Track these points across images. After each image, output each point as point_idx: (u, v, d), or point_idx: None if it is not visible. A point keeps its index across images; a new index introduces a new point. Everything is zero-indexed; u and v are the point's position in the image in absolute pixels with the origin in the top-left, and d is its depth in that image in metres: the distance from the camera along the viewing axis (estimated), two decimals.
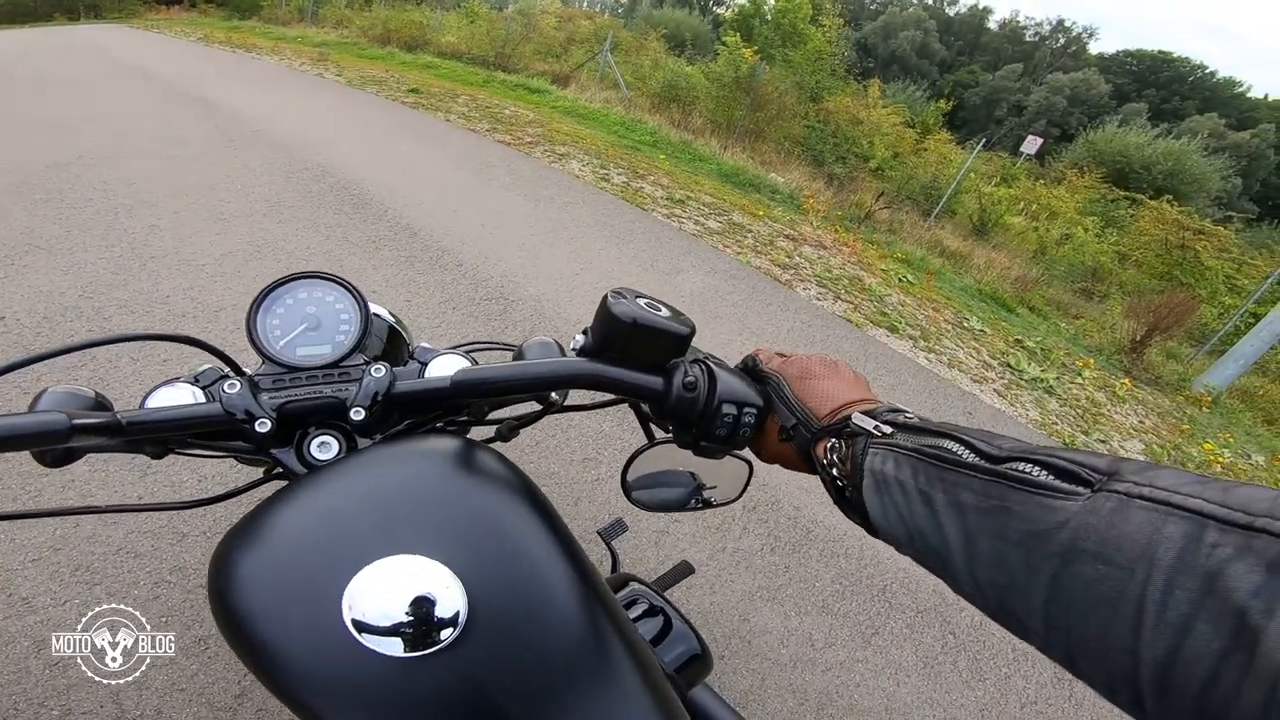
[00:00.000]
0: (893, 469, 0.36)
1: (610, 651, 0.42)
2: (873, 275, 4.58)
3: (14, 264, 2.68)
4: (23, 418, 0.42)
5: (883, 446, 0.38)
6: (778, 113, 9.02)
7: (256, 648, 0.39)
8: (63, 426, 0.41)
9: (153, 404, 0.49)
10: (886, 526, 0.37)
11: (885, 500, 0.37)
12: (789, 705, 1.49)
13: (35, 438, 0.41)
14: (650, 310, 0.48)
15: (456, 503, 0.45)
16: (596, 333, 0.51)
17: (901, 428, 0.39)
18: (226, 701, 1.27)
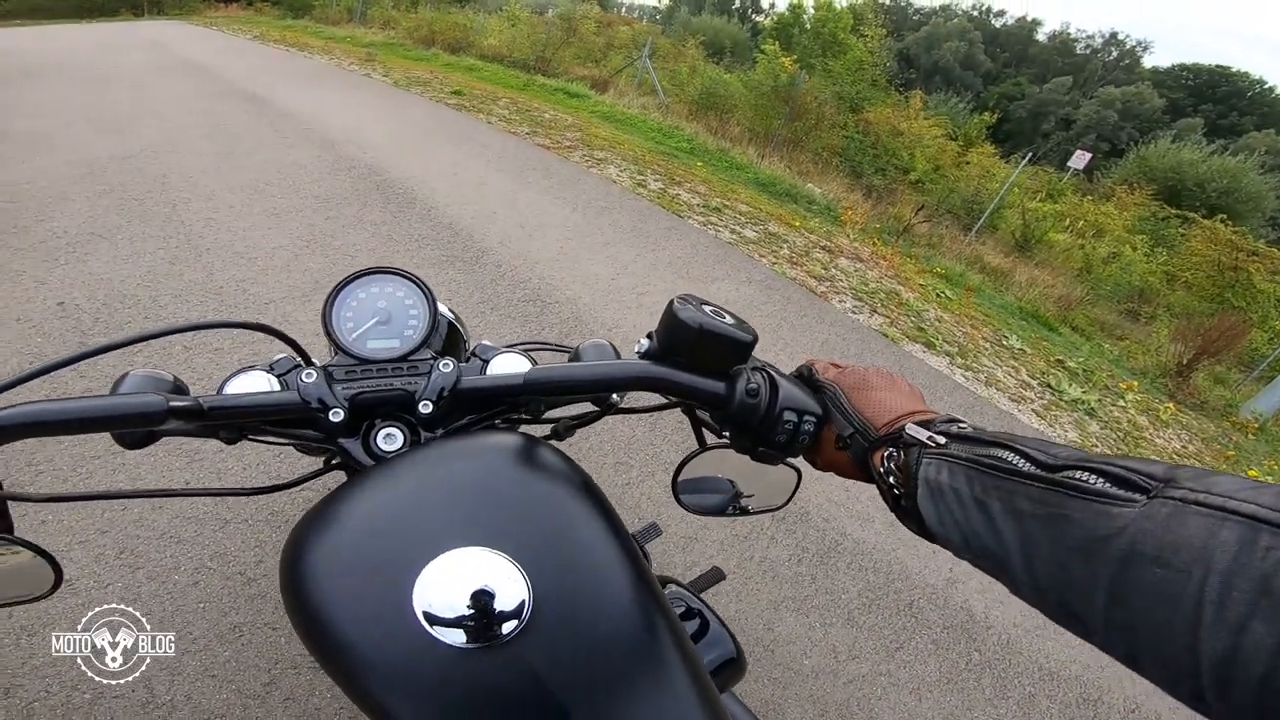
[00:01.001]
0: (947, 478, 0.37)
1: (664, 651, 0.42)
2: (910, 290, 4.50)
3: (76, 252, 2.82)
4: (124, 399, 0.44)
5: (936, 456, 0.39)
6: (816, 122, 8.94)
7: (325, 634, 0.40)
8: (160, 408, 0.44)
9: (231, 390, 0.51)
10: (942, 532, 0.38)
11: (940, 508, 0.38)
12: (809, 715, 1.48)
13: (135, 418, 0.44)
14: (715, 317, 0.49)
15: (523, 497, 0.46)
16: (662, 337, 0.51)
17: (955, 438, 0.39)
18: (256, 689, 1.30)
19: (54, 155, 4.08)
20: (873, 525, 2.09)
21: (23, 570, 0.48)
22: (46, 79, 7.17)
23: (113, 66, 8.48)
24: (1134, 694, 1.82)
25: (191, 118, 5.30)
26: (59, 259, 2.72)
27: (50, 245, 2.83)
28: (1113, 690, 1.81)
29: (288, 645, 1.38)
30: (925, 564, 2.01)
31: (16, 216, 3.11)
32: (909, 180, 9.15)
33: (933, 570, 2.00)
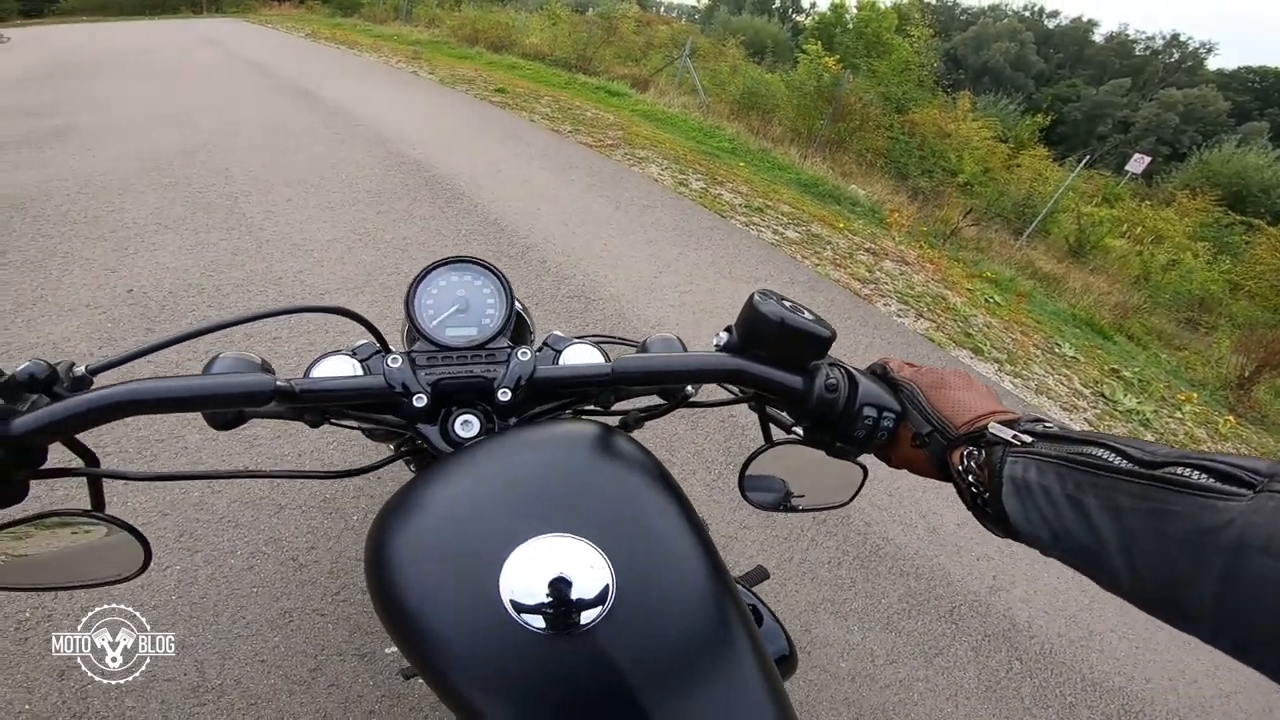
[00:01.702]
0: (1035, 476, 0.38)
1: (738, 645, 0.42)
2: (957, 294, 4.38)
3: (144, 242, 2.94)
4: (233, 378, 0.45)
5: (1022, 454, 0.39)
6: (861, 123, 8.75)
7: (407, 617, 0.40)
8: (268, 388, 0.45)
9: (317, 373, 0.52)
10: (1029, 530, 0.38)
11: (1027, 505, 0.38)
12: (843, 718, 1.46)
13: (242, 397, 0.45)
14: (795, 313, 0.49)
15: (604, 486, 0.46)
16: (742, 330, 0.51)
17: (1042, 436, 0.40)
18: (302, 675, 1.33)
19: (121, 148, 4.27)
20: (915, 531, 2.03)
21: (114, 549, 0.49)
22: (113, 74, 7.51)
23: (175, 62, 8.84)
24: (1177, 706, 1.75)
25: (250, 113, 5.48)
26: (128, 248, 2.84)
27: (120, 235, 2.96)
28: (1155, 703, 1.74)
29: (334, 632, 1.41)
30: (969, 571, 1.96)
31: (87, 206, 3.26)
32: (957, 183, 8.88)
33: (976, 578, 1.94)
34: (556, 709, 0.38)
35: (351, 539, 1.62)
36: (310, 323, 2.36)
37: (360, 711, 1.28)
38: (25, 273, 2.60)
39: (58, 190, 3.45)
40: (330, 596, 1.48)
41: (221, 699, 1.27)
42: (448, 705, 0.41)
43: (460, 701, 0.39)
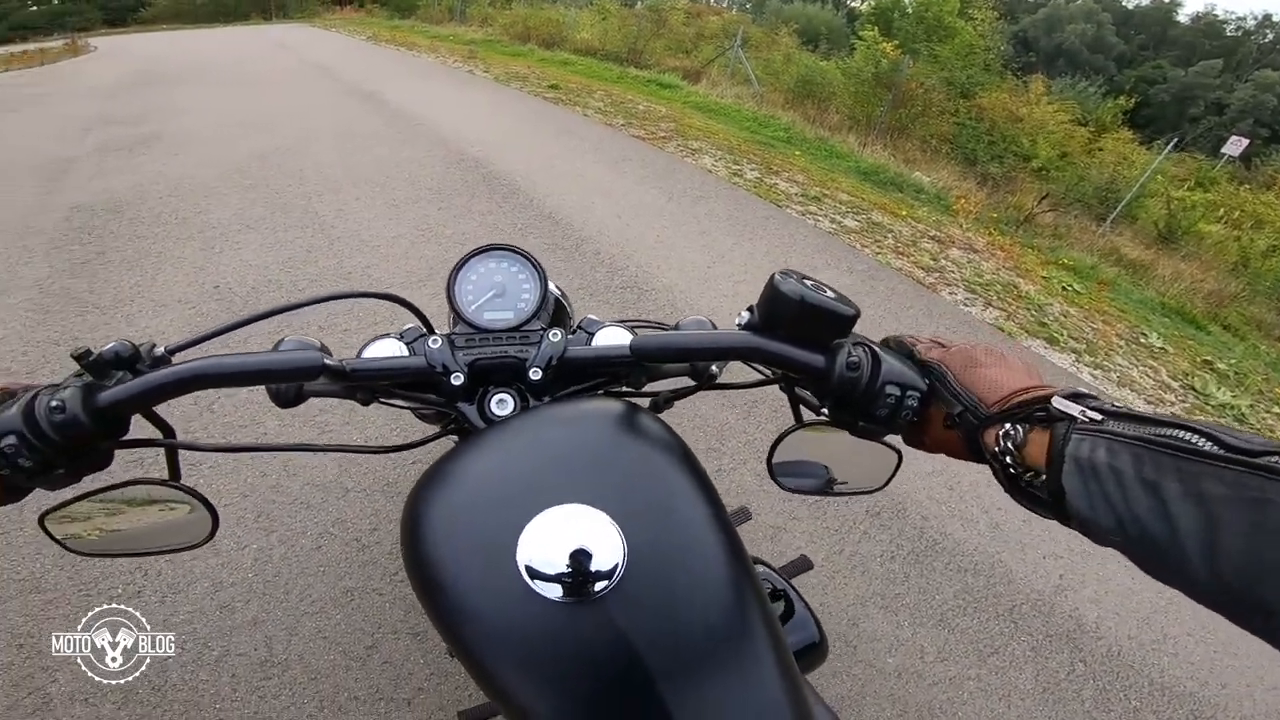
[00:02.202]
0: (1104, 456, 0.35)
1: (751, 625, 0.42)
2: (1031, 282, 4.14)
3: (228, 241, 3.12)
4: (286, 354, 0.48)
5: (1092, 432, 0.37)
6: (923, 109, 8.40)
7: (433, 582, 0.42)
8: (316, 363, 0.48)
9: (367, 354, 0.55)
10: (1090, 514, 0.36)
11: (1091, 487, 0.36)
12: (886, 714, 1.41)
13: (294, 372, 0.48)
14: (816, 291, 0.48)
15: (624, 461, 0.47)
16: (763, 310, 0.51)
17: (1113, 415, 0.37)
18: (359, 652, 1.38)
19: (205, 153, 4.55)
20: (976, 526, 1.93)
21: (185, 519, 0.52)
22: (193, 82, 8.01)
23: (249, 69, 9.35)
24: (1252, 713, 1.61)
25: (320, 117, 5.74)
26: (214, 247, 3.03)
27: (206, 235, 3.15)
28: (1229, 709, 1.61)
29: (390, 611, 1.46)
30: (1033, 569, 1.85)
31: (177, 209, 3.49)
32: (1030, 168, 8.38)
33: (1041, 576, 1.84)
34: (565, 675, 0.39)
35: None
36: (376, 314, 2.45)
37: (410, 688, 1.32)
38: (124, 271, 2.81)
39: (150, 193, 3.71)
40: (389, 577, 1.54)
41: (286, 673, 1.33)
42: (466, 668, 0.42)
43: (476, 664, 0.40)
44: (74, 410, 0.42)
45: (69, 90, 8.11)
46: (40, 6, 30.59)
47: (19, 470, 0.42)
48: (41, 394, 0.42)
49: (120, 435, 0.47)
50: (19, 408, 0.42)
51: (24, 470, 0.42)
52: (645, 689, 0.38)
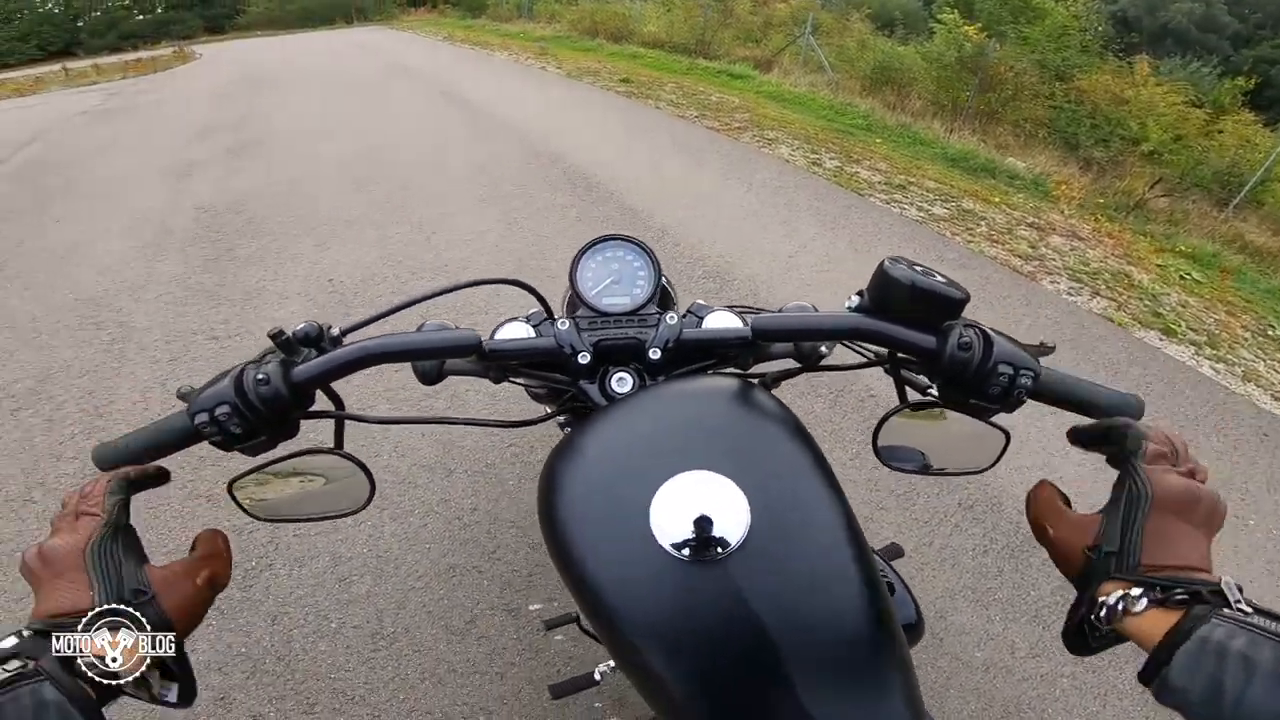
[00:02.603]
0: (1241, 645, 0.34)
1: (865, 595, 0.43)
2: (1144, 270, 3.84)
3: (336, 237, 3.33)
4: (449, 334, 0.53)
5: (1233, 621, 0.36)
6: (1015, 93, 7.90)
7: (569, 545, 0.45)
8: (475, 340, 0.53)
9: (500, 336, 0.60)
10: (1191, 695, 0.35)
11: (1207, 667, 0.35)
12: (970, 708, 1.36)
13: (456, 349, 0.53)
14: (926, 275, 0.50)
15: (745, 431, 0.50)
16: (873, 294, 0.53)
17: (1266, 613, 0.36)
18: (459, 626, 1.45)
19: (310, 153, 4.87)
20: None
21: (345, 488, 0.56)
22: (292, 85, 8.56)
23: (339, 72, 9.89)
24: None
25: (406, 117, 6.03)
26: (325, 243, 3.25)
27: (318, 232, 3.38)
28: None
29: (489, 588, 1.52)
30: None
31: (292, 207, 3.76)
32: (1140, 152, 7.74)
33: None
34: (688, 632, 0.41)
35: (508, 502, 1.74)
36: (470, 304, 2.55)
37: (503, 662, 1.37)
38: (249, 266, 3.05)
39: (265, 193, 4.02)
40: (488, 555, 1.60)
41: (393, 645, 1.40)
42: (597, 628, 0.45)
43: (609, 623, 0.43)
44: (276, 383, 0.47)
45: (183, 96, 8.86)
46: (147, 15, 33.23)
47: (230, 436, 0.47)
48: (247, 369, 0.48)
49: (308, 407, 0.52)
50: (230, 380, 0.47)
51: (233, 436, 0.47)
52: (764, 650, 0.40)
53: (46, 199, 4.32)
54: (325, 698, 1.31)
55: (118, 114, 7.84)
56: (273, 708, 1.30)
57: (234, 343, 2.46)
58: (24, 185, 4.74)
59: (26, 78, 15.72)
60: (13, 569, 1.57)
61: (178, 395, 0.49)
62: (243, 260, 3.12)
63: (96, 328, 2.61)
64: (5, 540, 1.66)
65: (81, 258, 3.29)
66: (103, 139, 6.20)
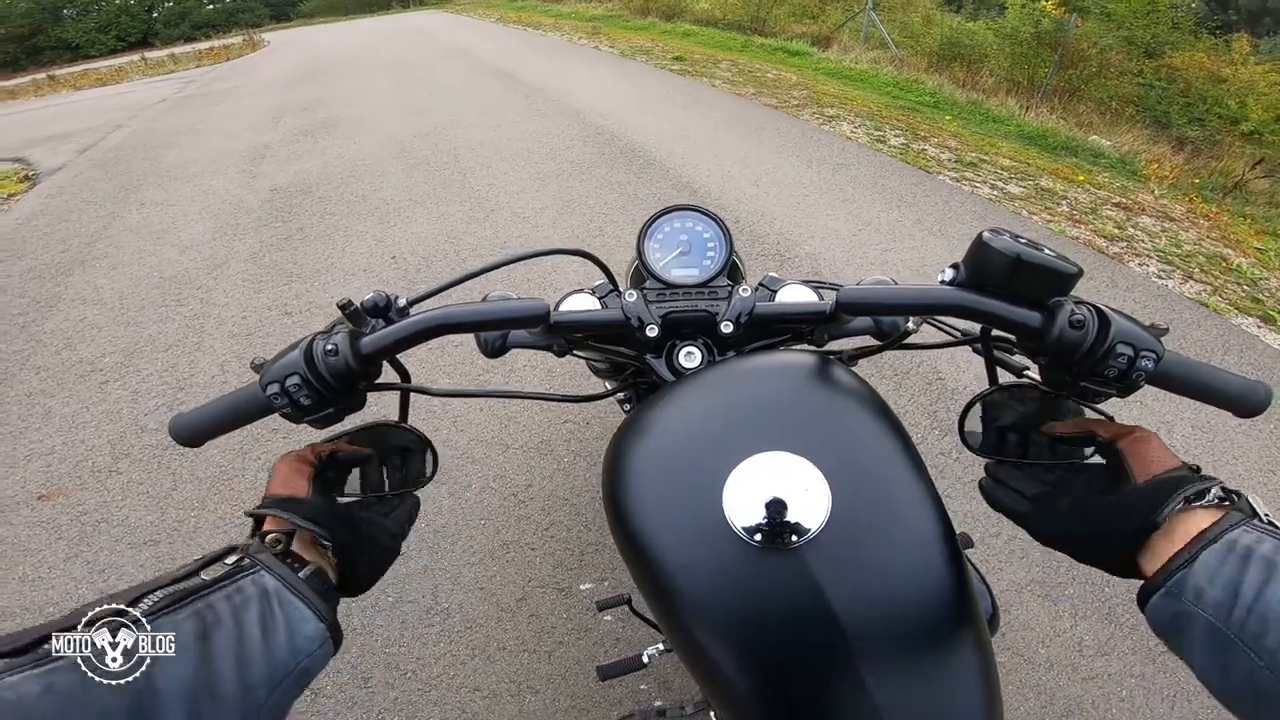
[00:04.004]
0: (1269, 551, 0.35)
1: (951, 588, 0.41)
2: (1242, 254, 3.53)
3: (400, 215, 3.41)
4: (518, 303, 0.50)
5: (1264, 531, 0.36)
6: (1099, 70, 7.39)
7: (634, 527, 0.44)
8: (544, 310, 0.50)
9: (565, 308, 0.58)
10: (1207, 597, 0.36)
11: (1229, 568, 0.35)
12: (1029, 704, 1.30)
13: (524, 319, 0.50)
14: (1031, 248, 0.45)
15: (825, 411, 0.47)
16: (970, 267, 0.47)
17: None
18: (510, 604, 1.45)
19: (374, 135, 5.00)
20: None
21: (408, 460, 0.56)
22: (354, 69, 8.80)
23: (398, 53, 10.10)
24: None
25: (465, 97, 6.10)
26: (389, 221, 3.33)
27: (381, 211, 3.47)
28: None
29: (540, 565, 1.52)
30: None
31: (355, 187, 3.87)
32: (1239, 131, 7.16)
33: None
34: (755, 621, 0.39)
35: (562, 479, 1.75)
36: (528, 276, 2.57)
37: (551, 641, 1.37)
38: (318, 244, 3.16)
39: (333, 175, 4.15)
40: (541, 532, 1.60)
41: (447, 621, 1.42)
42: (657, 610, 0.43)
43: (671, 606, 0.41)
44: (344, 353, 0.46)
45: (254, 82, 9.23)
46: (216, 5, 34.80)
47: (299, 408, 0.46)
48: (316, 339, 0.47)
49: (375, 378, 0.51)
50: (300, 351, 0.46)
51: (302, 408, 0.46)
52: (836, 642, 0.37)
53: (132, 182, 4.57)
54: (379, 671, 1.34)
55: (195, 100, 8.24)
56: (329, 680, 1.33)
57: (304, 317, 2.56)
58: (110, 170, 5.03)
59: (109, 68, 16.72)
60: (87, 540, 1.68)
61: (251, 366, 0.49)
62: (313, 238, 3.23)
63: (179, 304, 2.76)
64: (90, 512, 1.76)
65: (165, 237, 3.48)
66: (182, 125, 6.53)
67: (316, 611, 0.39)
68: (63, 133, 6.92)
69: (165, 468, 1.86)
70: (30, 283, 3.12)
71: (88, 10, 31.66)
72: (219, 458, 1.84)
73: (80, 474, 1.89)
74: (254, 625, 0.35)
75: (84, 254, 3.37)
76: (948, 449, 1.83)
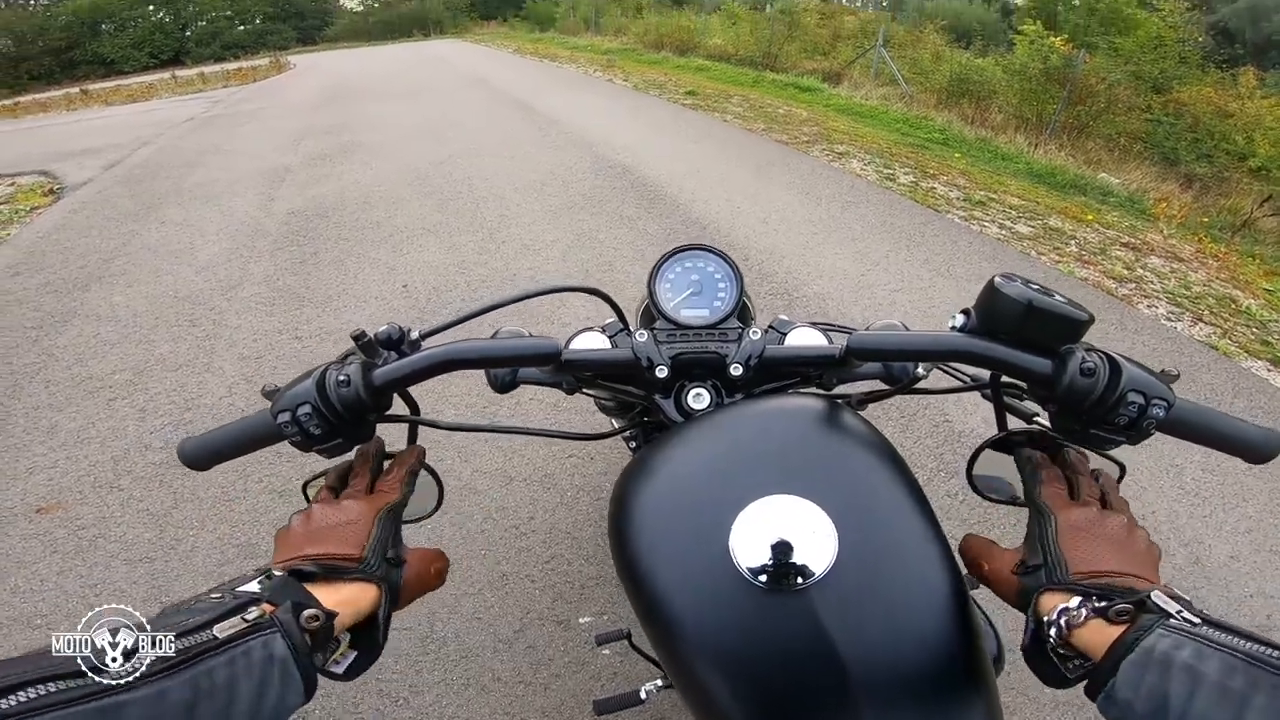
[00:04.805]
0: (1187, 656, 0.34)
1: (957, 634, 0.41)
2: (1252, 295, 3.52)
3: (413, 244, 3.46)
4: (529, 340, 0.51)
5: (1179, 632, 0.35)
6: (1107, 105, 7.47)
7: (640, 566, 0.44)
8: (556, 349, 0.51)
9: (575, 346, 0.58)
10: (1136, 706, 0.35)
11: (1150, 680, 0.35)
12: None
13: (536, 357, 0.51)
14: (1044, 294, 0.45)
15: (833, 456, 0.47)
16: (981, 313, 0.48)
17: (1214, 624, 0.36)
18: (507, 635, 1.44)
19: (391, 162, 5.10)
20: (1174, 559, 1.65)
21: (418, 492, 0.56)
22: (375, 95, 9.02)
23: (417, 81, 10.36)
24: None
25: (481, 127, 6.23)
26: (401, 249, 3.38)
27: (395, 239, 3.53)
28: None
29: (540, 598, 1.52)
30: (1236, 608, 1.58)
31: (370, 214, 3.94)
32: (1247, 167, 7.18)
33: (1244, 616, 1.56)
34: (759, 662, 0.39)
35: (565, 513, 1.74)
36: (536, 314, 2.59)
37: (548, 674, 1.36)
38: (331, 270, 3.21)
39: (349, 200, 4.23)
40: (541, 564, 1.60)
41: (442, 649, 1.41)
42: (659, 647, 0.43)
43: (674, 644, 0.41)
44: (356, 384, 0.46)
45: (279, 105, 9.48)
46: (246, 27, 35.87)
47: (309, 437, 0.47)
48: (330, 369, 0.47)
49: (385, 410, 0.52)
50: (312, 380, 0.47)
51: (312, 437, 0.47)
52: (839, 685, 0.37)
53: (154, 200, 4.67)
54: (370, 699, 1.33)
55: (221, 121, 8.46)
56: (318, 704, 1.32)
57: (314, 342, 2.58)
58: (134, 187, 5.15)
59: (140, 84, 17.21)
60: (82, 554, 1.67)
61: (263, 393, 0.49)
62: (326, 264, 3.28)
63: (191, 324, 2.79)
64: (88, 526, 1.77)
65: (183, 257, 3.54)
66: (207, 144, 6.69)
67: (310, 679, 0.38)
68: (90, 148, 7.10)
69: (167, 486, 1.87)
70: (46, 296, 3.17)
71: (124, 26, 32.65)
72: (221, 479, 1.85)
73: (81, 488, 1.91)
74: (245, 696, 0.34)
75: (102, 270, 3.43)
76: (954, 490, 1.81)
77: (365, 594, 0.45)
